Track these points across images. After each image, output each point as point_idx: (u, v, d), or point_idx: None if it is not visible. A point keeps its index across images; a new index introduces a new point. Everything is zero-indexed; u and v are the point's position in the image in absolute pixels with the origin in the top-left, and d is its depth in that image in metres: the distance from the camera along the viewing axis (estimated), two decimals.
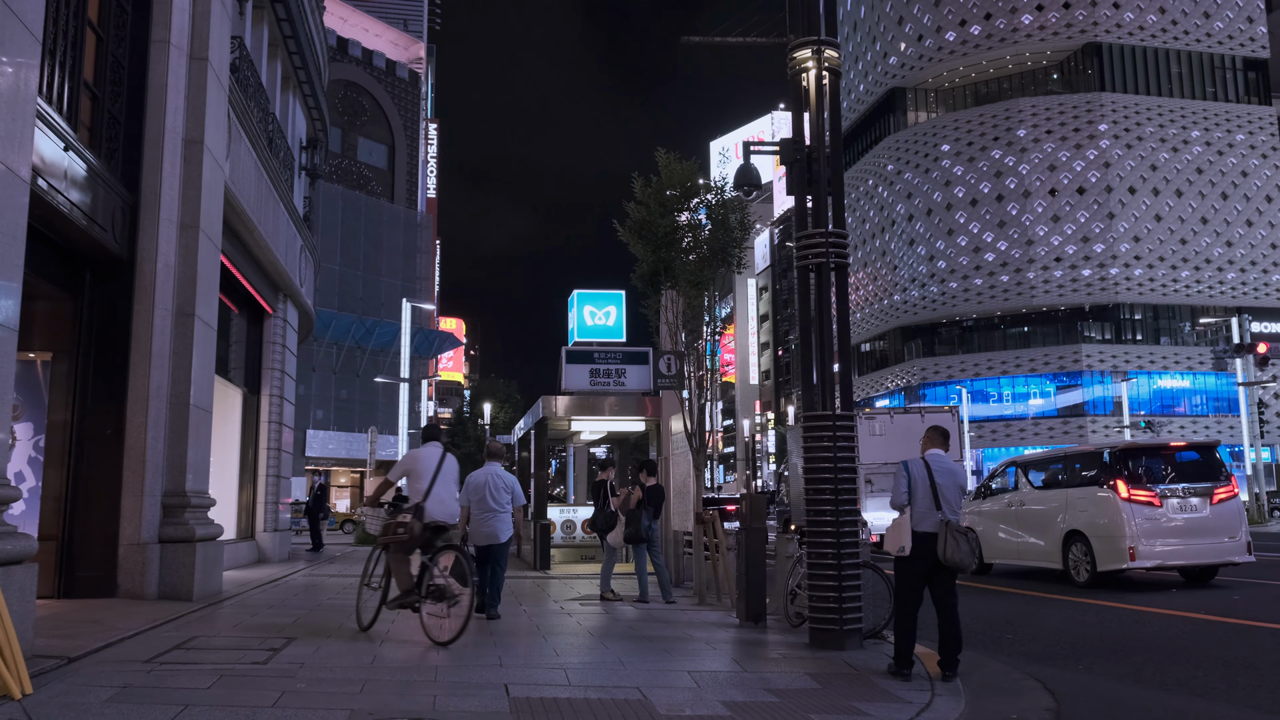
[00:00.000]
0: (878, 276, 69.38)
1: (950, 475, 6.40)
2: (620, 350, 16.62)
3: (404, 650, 7.10)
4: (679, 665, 6.63)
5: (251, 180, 13.53)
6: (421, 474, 7.81)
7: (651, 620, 9.36)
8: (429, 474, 7.79)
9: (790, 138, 7.98)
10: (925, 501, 6.41)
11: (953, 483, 6.36)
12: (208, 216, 10.68)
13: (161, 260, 9.96)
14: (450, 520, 7.93)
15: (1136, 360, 60.68)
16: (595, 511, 11.44)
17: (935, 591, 6.37)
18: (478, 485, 9.20)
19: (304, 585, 12.52)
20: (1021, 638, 8.43)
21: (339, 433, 51.74)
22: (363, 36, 66.32)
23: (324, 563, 17.07)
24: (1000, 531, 14.28)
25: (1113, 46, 62.27)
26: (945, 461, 6.48)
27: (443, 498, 7.84)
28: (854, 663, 6.78)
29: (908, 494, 6.53)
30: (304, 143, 19.08)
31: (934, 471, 6.44)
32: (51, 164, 8.07)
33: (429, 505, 7.69)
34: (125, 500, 9.56)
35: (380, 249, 56.43)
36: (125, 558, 9.53)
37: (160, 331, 9.91)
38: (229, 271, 14.00)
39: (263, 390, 17.13)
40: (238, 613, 9.19)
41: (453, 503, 8.03)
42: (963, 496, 6.47)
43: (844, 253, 7.76)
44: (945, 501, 6.32)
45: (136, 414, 9.70)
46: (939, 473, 6.41)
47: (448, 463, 7.96)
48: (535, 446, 16.91)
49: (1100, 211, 60.42)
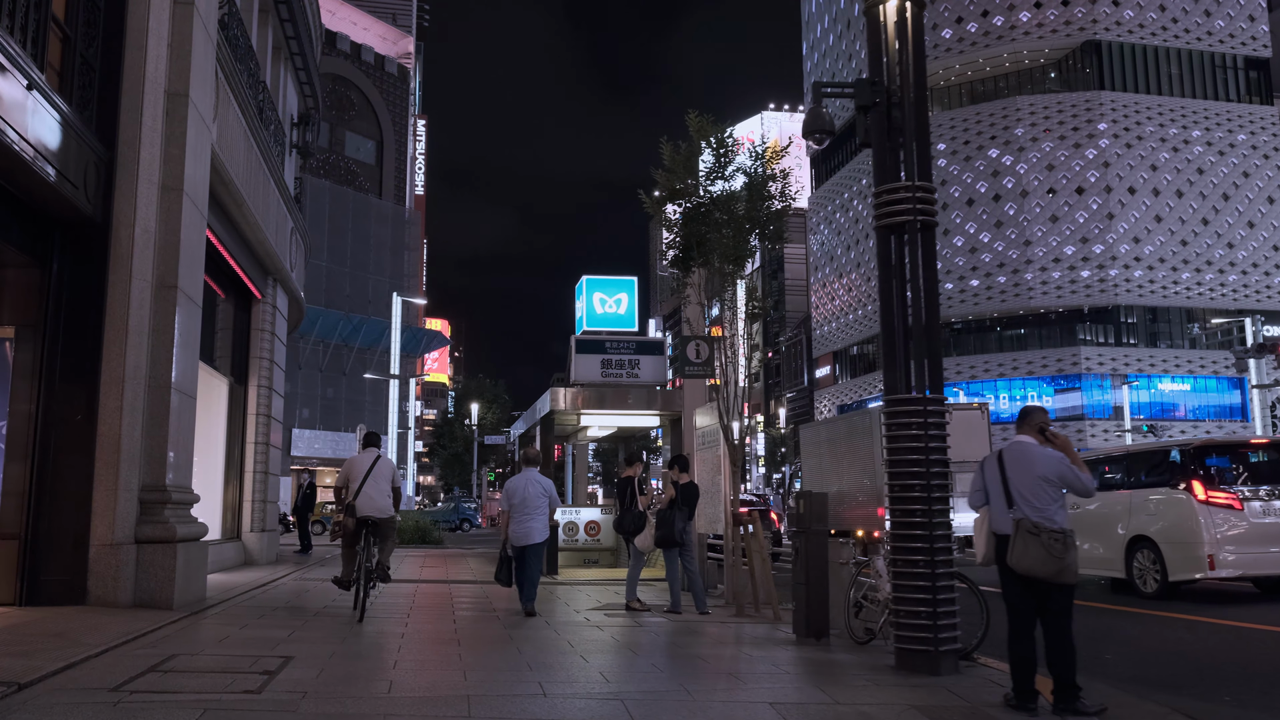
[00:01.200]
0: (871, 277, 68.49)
1: (1027, 465, 5.31)
2: (634, 340, 15.55)
3: (425, 675, 6.00)
4: (756, 695, 5.56)
5: (240, 150, 12.40)
6: (355, 477, 8.93)
7: (694, 635, 8.29)
8: (360, 476, 8.89)
9: (867, 78, 6.93)
10: (997, 499, 5.45)
11: (1029, 475, 5.27)
12: (192, 180, 9.54)
13: (140, 225, 8.81)
14: (378, 514, 8.84)
15: (1136, 363, 59.98)
16: (622, 511, 10.34)
17: (1037, 603, 5.32)
18: (516, 489, 9.61)
19: (295, 590, 11.39)
20: (1125, 659, 7.38)
21: (325, 432, 50.46)
22: (351, 30, 65.04)
23: (314, 565, 15.92)
24: None
25: (1112, 44, 61.63)
26: (1028, 450, 5.38)
27: (371, 495, 8.83)
28: (959, 691, 5.72)
29: (983, 492, 5.55)
30: (295, 119, 17.90)
31: (1006, 463, 5.42)
32: (11, 102, 6.94)
33: (359, 503, 8.80)
34: (97, 495, 8.40)
35: (368, 245, 55.15)
36: (97, 560, 8.38)
37: (138, 305, 8.76)
38: (215, 250, 12.85)
39: (250, 381, 15.95)
40: (225, 624, 8.06)
41: (382, 499, 8.90)
42: (1050, 488, 5.24)
43: (930, 209, 6.70)
44: (1020, 496, 5.28)
45: (111, 397, 8.54)
46: (1012, 464, 5.38)
47: (379, 465, 8.96)
48: (542, 443, 15.80)
49: (1099, 212, 59.75)
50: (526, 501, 9.47)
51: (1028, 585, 5.26)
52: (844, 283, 72.79)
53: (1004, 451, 5.47)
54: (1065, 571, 5.14)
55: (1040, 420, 5.51)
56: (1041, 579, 5.19)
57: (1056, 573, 5.13)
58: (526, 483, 9.58)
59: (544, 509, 9.57)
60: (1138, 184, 59.63)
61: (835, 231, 74.62)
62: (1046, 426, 5.48)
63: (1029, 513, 5.21)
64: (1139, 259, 59.76)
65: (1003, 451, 5.48)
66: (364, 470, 8.90)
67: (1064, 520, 5.22)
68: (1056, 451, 5.32)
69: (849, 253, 72.12)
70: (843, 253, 73.26)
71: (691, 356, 11.55)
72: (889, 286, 6.79)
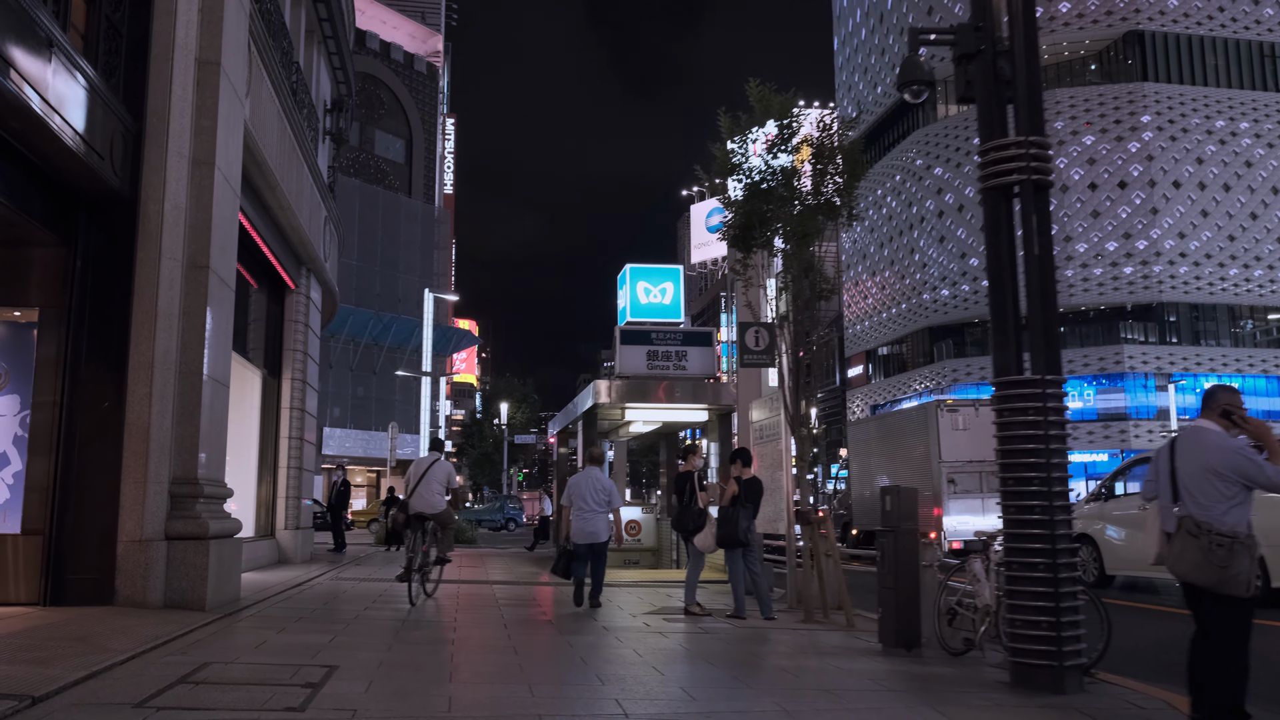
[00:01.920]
0: (905, 275, 67.37)
1: (1196, 454, 4.50)
2: (681, 331, 14.87)
3: (486, 689, 5.36)
4: (865, 717, 4.87)
5: (274, 131, 11.84)
6: (413, 477, 9.96)
7: (767, 643, 7.60)
8: (417, 477, 9.91)
9: (969, 22, 6.22)
10: (1165, 492, 4.63)
11: (1199, 466, 4.45)
12: (225, 154, 8.97)
13: (170, 200, 8.24)
14: (428, 510, 9.84)
15: (1181, 362, 58.55)
16: (681, 509, 9.64)
17: (1196, 613, 4.58)
18: (576, 488, 9.84)
19: (332, 590, 10.82)
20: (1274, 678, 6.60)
21: (356, 430, 50.13)
22: (380, 28, 64.78)
23: (348, 564, 15.38)
24: (1122, 538, 12.50)
25: (1156, 34, 60.32)
26: (1202, 436, 4.54)
27: (424, 494, 9.85)
28: (1093, 713, 4.99)
29: (1155, 482, 4.76)
30: (328, 104, 17.36)
31: (1177, 452, 4.63)
32: (32, 63, 6.38)
33: (412, 500, 9.87)
34: (125, 488, 7.84)
35: (398, 244, 54.76)
36: (125, 557, 7.81)
37: (168, 286, 8.19)
38: (248, 235, 12.31)
39: (284, 373, 15.42)
40: (260, 627, 7.47)
41: (433, 496, 9.86)
42: (1219, 482, 4.39)
43: (1045, 166, 5.97)
44: (1185, 490, 4.49)
45: (139, 384, 7.98)
46: (1183, 452, 4.56)
47: (435, 467, 9.95)
48: (585, 439, 15.16)
49: (1143, 207, 58.43)
50: (587, 500, 9.70)
51: (1189, 593, 4.53)
52: (877, 281, 71.73)
53: (1178, 438, 4.69)
54: (1228, 582, 4.32)
55: (1226, 402, 4.62)
56: (1199, 587, 4.45)
57: (1216, 582, 4.34)
58: (589, 481, 9.82)
59: (604, 507, 9.74)
60: (1183, 178, 58.24)
61: (868, 229, 73.48)
62: (1236, 410, 4.58)
63: (1193, 510, 4.45)
64: (1184, 254, 58.36)
65: (1176, 438, 4.71)
66: (422, 471, 9.92)
67: (1238, 521, 4.38)
68: (1237, 440, 4.51)
69: (882, 250, 71.01)
70: (876, 250, 72.17)
71: (750, 344, 10.84)
72: (997, 254, 6.07)
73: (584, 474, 10.01)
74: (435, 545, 10.02)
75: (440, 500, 9.87)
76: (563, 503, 9.94)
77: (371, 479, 55.10)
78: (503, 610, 9.33)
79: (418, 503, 9.79)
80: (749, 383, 12.57)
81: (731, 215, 9.98)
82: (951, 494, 17.15)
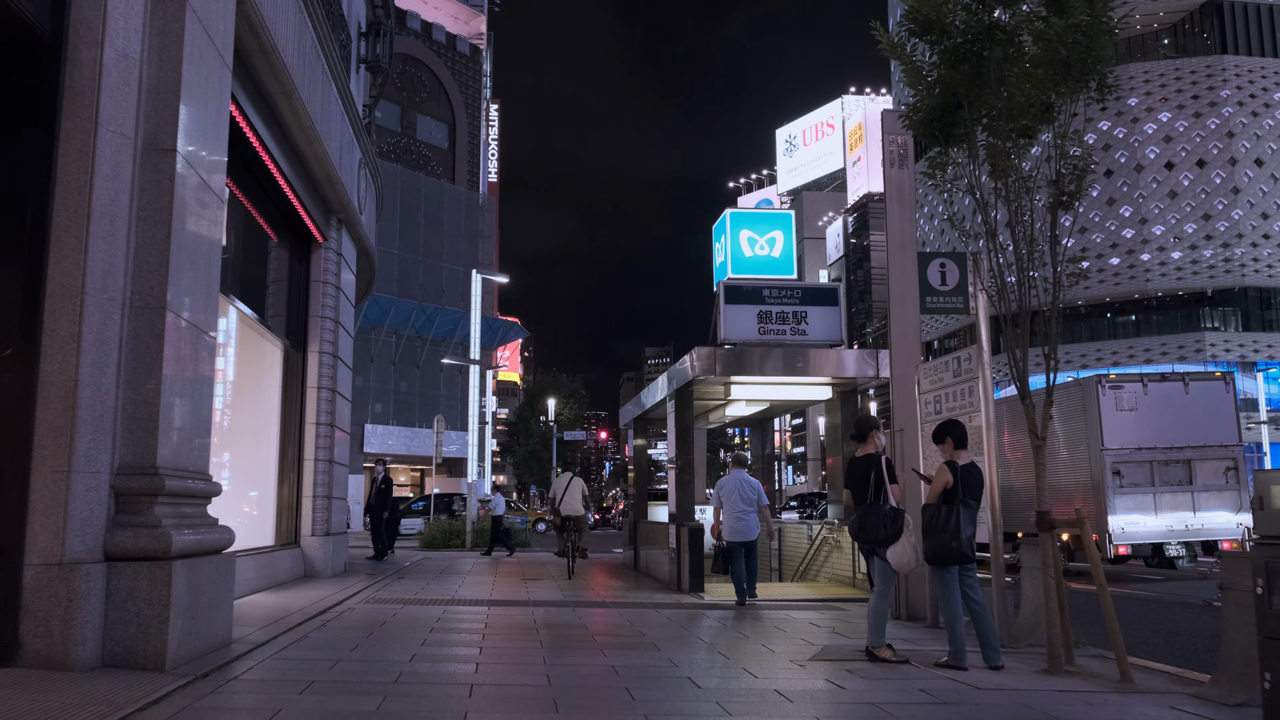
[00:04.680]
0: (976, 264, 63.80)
1: None
2: (800, 287, 11.91)
3: None
4: None
5: (291, 21, 9.08)
6: (558, 491, 14.03)
7: (1030, 711, 4.66)
8: (563, 490, 13.96)
9: None
10: None
11: None
12: None
13: (112, 45, 5.47)
14: (573, 514, 13.79)
15: (1267, 349, 54.79)
16: (864, 509, 6.68)
17: None
18: (727, 487, 10.29)
19: (370, 618, 8.04)
20: None
21: (398, 427, 47.68)
22: (421, 8, 62.43)
23: (392, 578, 12.62)
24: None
25: (1235, 5, 56.57)
26: None
27: (570, 502, 13.84)
28: None
29: None
30: (363, 27, 14.63)
31: None
32: None
33: (561, 506, 13.89)
34: (37, 481, 5.06)
35: (441, 233, 52.20)
36: (34, 590, 5.03)
37: (110, 173, 5.41)
38: (258, 162, 9.58)
39: (310, 346, 12.68)
40: (259, 697, 4.67)
41: (576, 504, 13.84)
42: None
43: None
44: None
45: (61, 320, 5.20)
46: None
47: (573, 483, 14.04)
48: (677, 420, 12.25)
49: (1223, 186, 55.01)
50: (738, 499, 10.17)
51: None
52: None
53: None
54: None
55: None
56: None
57: None
58: (738, 483, 10.28)
59: (754, 506, 10.23)
60: (1265, 155, 54.89)
61: (927, 216, 70.18)
62: None
63: None
64: (1268, 236, 54.98)
65: None
66: (564, 486, 13.91)
67: None
68: None
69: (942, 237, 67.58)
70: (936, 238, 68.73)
71: (934, 282, 7.89)
72: None
73: (732, 476, 10.39)
74: (578, 536, 13.68)
75: (580, 507, 13.85)
76: (713, 504, 10.49)
77: (415, 478, 52.67)
78: (604, 650, 6.45)
79: (566, 508, 13.75)
80: (905, 343, 9.59)
81: (921, 91, 6.99)
82: (1118, 488, 14.08)
